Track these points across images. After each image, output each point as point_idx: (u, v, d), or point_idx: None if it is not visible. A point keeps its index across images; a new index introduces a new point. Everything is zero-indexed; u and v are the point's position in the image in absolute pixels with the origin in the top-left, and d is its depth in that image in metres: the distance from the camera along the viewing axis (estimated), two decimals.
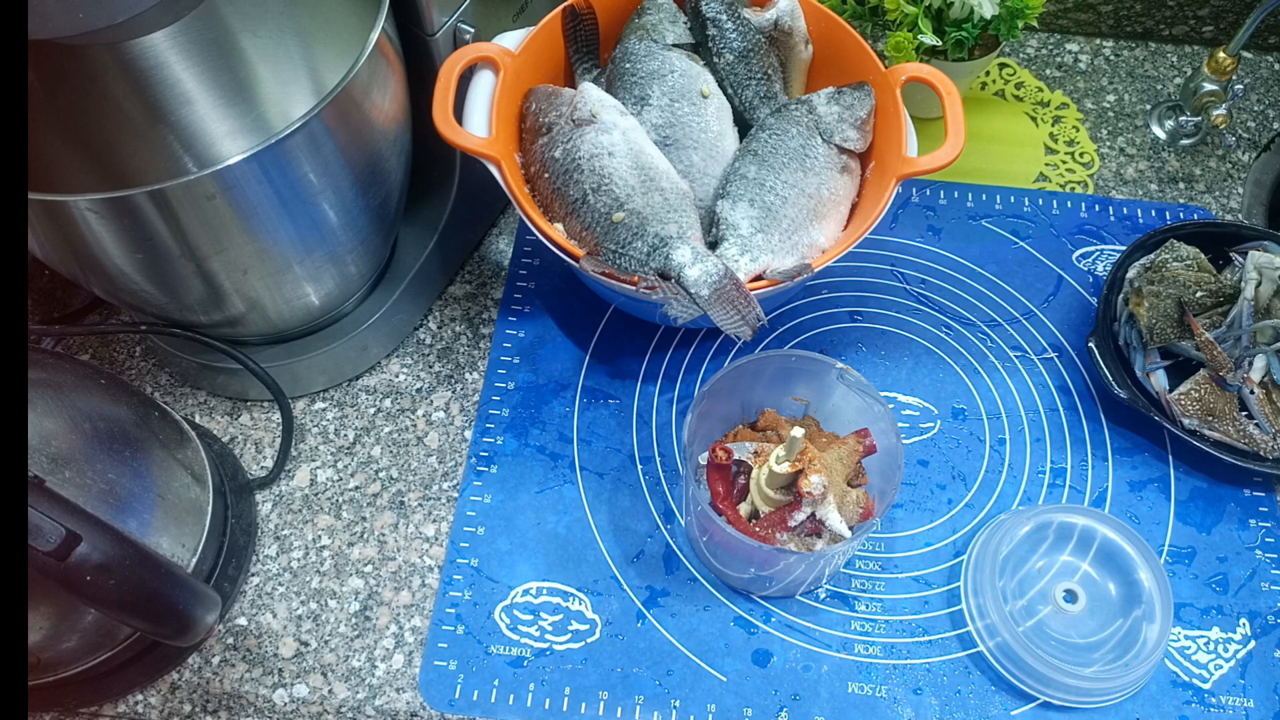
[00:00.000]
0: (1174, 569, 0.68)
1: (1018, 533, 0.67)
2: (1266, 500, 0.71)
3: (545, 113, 0.67)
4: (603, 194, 0.64)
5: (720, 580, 0.67)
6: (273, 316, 0.68)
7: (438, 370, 0.76)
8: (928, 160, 0.64)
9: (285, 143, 0.54)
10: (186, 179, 0.52)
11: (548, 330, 0.78)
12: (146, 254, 0.57)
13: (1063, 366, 0.77)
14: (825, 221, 0.67)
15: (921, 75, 0.67)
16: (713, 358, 0.77)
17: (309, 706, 0.64)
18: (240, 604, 0.67)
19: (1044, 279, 0.81)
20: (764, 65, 0.71)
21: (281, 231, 0.60)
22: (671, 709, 0.63)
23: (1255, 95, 0.92)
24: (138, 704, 0.63)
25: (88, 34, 0.49)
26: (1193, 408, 0.70)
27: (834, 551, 0.60)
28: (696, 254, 0.62)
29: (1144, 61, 0.94)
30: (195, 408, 0.75)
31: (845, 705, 0.63)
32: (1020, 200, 0.85)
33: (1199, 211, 0.85)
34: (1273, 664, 0.65)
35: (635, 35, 0.71)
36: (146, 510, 0.59)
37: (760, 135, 0.68)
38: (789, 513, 0.60)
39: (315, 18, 0.70)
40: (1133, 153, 0.88)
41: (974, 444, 0.73)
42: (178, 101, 0.71)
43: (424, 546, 0.69)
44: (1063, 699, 0.63)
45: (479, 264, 0.82)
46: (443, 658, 0.65)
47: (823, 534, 0.61)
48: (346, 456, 0.72)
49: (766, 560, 0.62)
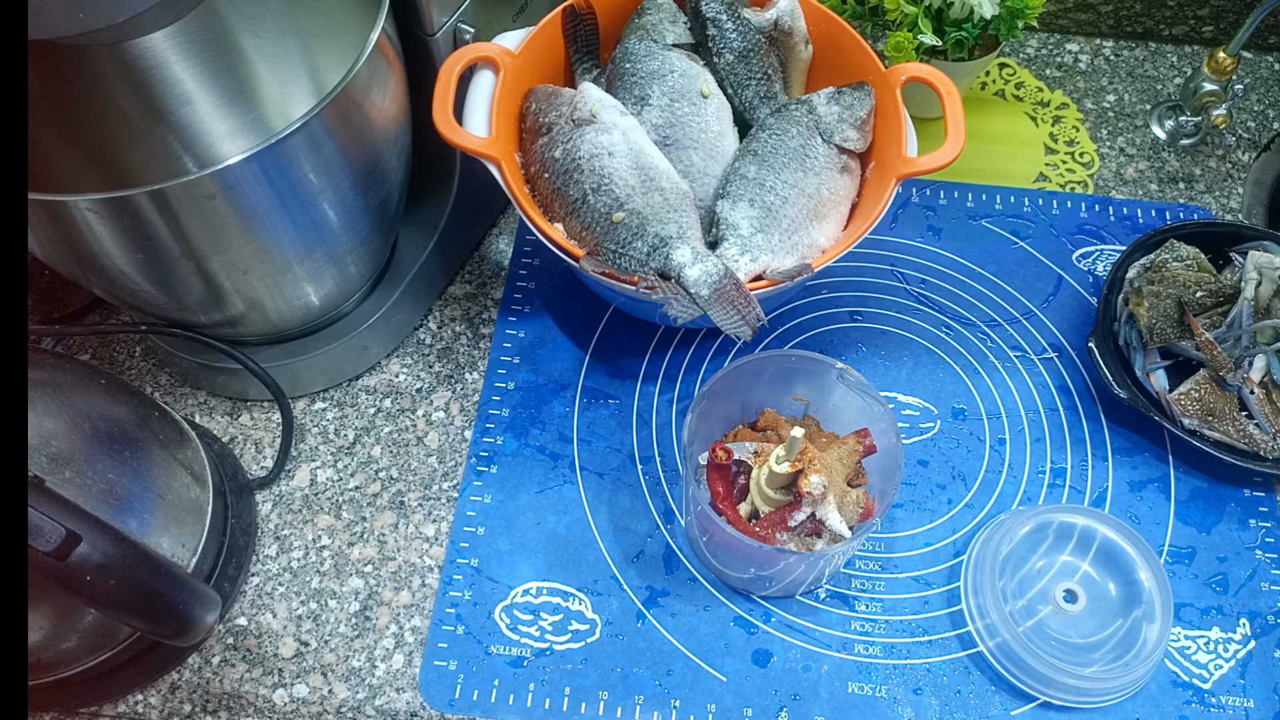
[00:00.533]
0: (1174, 569, 0.68)
1: (1018, 533, 0.67)
2: (1266, 500, 0.71)
3: (545, 113, 0.67)
4: (603, 194, 0.64)
5: (720, 580, 0.67)
6: (273, 316, 0.68)
7: (438, 370, 0.76)
8: (928, 160, 0.64)
9: (285, 143, 0.54)
10: (186, 179, 0.52)
11: (548, 330, 0.78)
12: (146, 254, 0.57)
13: (1063, 366, 0.77)
14: (825, 221, 0.67)
15: (921, 75, 0.68)
16: (713, 358, 0.77)
17: (309, 706, 0.64)
18: (240, 604, 0.67)
19: (1044, 279, 0.81)
20: (764, 65, 0.71)
21: (281, 231, 0.60)
22: (671, 709, 0.63)
23: (1255, 95, 0.92)
24: (138, 704, 0.63)
25: (88, 34, 0.49)
26: (1193, 408, 0.70)
27: (834, 551, 0.60)
28: (696, 254, 0.62)
29: (1144, 61, 0.94)
30: (195, 408, 0.75)
31: (845, 705, 0.63)
32: (1020, 200, 0.85)
33: (1199, 211, 0.85)
34: (1273, 664, 0.65)
35: (635, 35, 0.71)
36: (146, 510, 0.59)
37: (760, 135, 0.68)
38: (789, 513, 0.60)
39: (315, 18, 0.70)
40: (1133, 153, 0.88)
41: (974, 444, 0.73)
42: (178, 101, 0.71)
43: (424, 546, 0.69)
44: (1063, 699, 0.63)
45: (479, 264, 0.82)
46: (443, 658, 0.65)
47: (823, 534, 0.61)
48: (346, 456, 0.72)
49: (766, 560, 0.62)
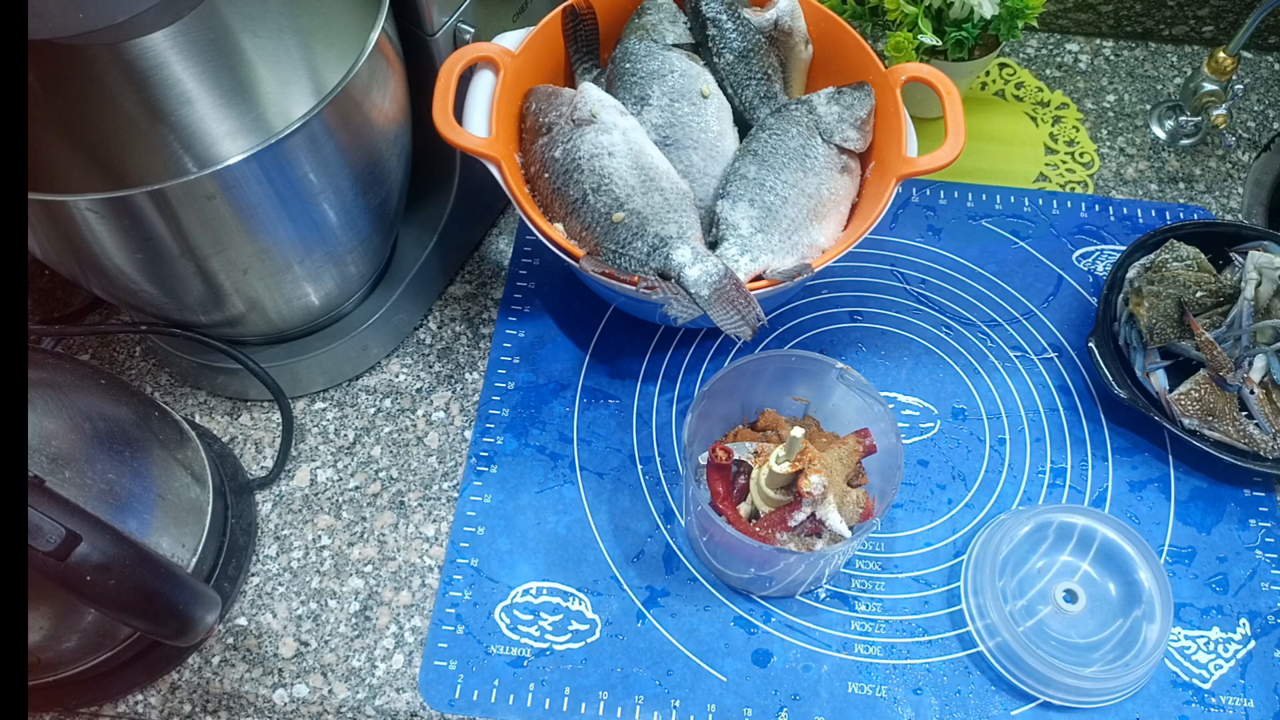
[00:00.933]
0: (1174, 569, 0.68)
1: (1017, 533, 0.67)
2: (1266, 500, 0.71)
3: (545, 113, 0.67)
4: (603, 194, 0.64)
5: (720, 580, 0.67)
6: (273, 316, 0.68)
7: (438, 370, 0.76)
8: (928, 160, 0.64)
9: (285, 143, 0.54)
10: (186, 179, 0.52)
11: (548, 330, 0.78)
12: (146, 254, 0.57)
13: (1063, 366, 0.77)
14: (825, 221, 0.67)
15: (921, 75, 0.68)
16: (713, 358, 0.77)
17: (309, 706, 0.64)
18: (240, 604, 0.67)
19: (1044, 279, 0.81)
20: (764, 65, 0.71)
21: (281, 231, 0.60)
22: (671, 709, 0.63)
23: (1255, 95, 0.92)
24: (138, 704, 0.63)
25: (88, 34, 0.49)
26: (1193, 408, 0.70)
27: (834, 552, 0.60)
28: (696, 254, 0.62)
29: (1144, 61, 0.94)
30: (195, 408, 0.75)
31: (845, 705, 0.63)
32: (1020, 200, 0.85)
33: (1199, 211, 0.85)
34: (1273, 664, 0.65)
35: (635, 35, 0.71)
36: (146, 510, 0.59)
37: (760, 135, 0.68)
38: (789, 513, 0.60)
39: (315, 17, 0.70)
40: (1133, 153, 0.88)
41: (974, 444, 0.73)
42: (178, 101, 0.71)
43: (424, 546, 0.69)
44: (1062, 699, 0.63)
45: (479, 264, 0.82)
46: (443, 658, 0.65)
47: (822, 534, 0.61)
48: (346, 456, 0.72)
49: (766, 560, 0.62)
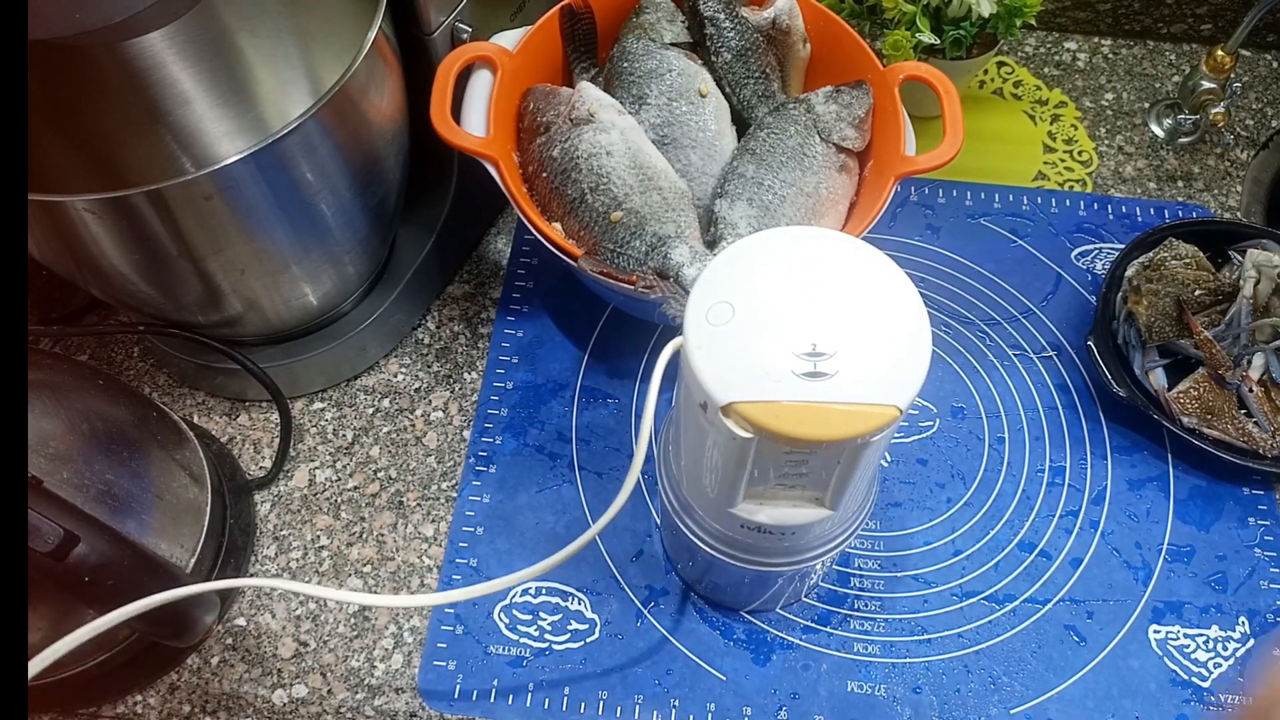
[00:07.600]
0: (1173, 567, 0.68)
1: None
2: (1266, 499, 0.71)
3: (543, 112, 0.67)
4: (601, 193, 0.64)
5: (710, 601, 0.66)
6: (271, 317, 0.68)
7: (436, 370, 0.76)
8: (926, 159, 0.64)
9: (283, 143, 0.54)
10: (184, 179, 0.52)
11: (546, 330, 0.78)
12: (144, 254, 0.57)
13: (1062, 365, 0.77)
14: (823, 220, 0.67)
15: (920, 74, 0.67)
16: None
17: (308, 707, 0.64)
18: (239, 604, 0.67)
19: (1043, 277, 0.81)
20: (762, 64, 0.71)
21: (279, 232, 0.60)
22: (671, 708, 0.63)
23: (1253, 93, 0.92)
24: (137, 704, 0.63)
25: (85, 34, 0.49)
26: (1192, 406, 0.70)
27: (819, 558, 0.57)
28: (695, 253, 0.62)
29: (1142, 60, 0.94)
30: (193, 408, 0.75)
31: (844, 704, 0.63)
32: (1019, 199, 0.85)
33: (1197, 210, 0.85)
34: (1272, 662, 0.65)
35: (633, 34, 0.70)
36: (145, 511, 0.59)
37: (758, 134, 0.68)
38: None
39: (313, 17, 0.70)
40: (1131, 151, 0.88)
41: (973, 443, 0.73)
42: (175, 101, 0.71)
43: (423, 546, 0.69)
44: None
45: (477, 264, 0.82)
46: (442, 658, 0.65)
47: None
48: (345, 456, 0.72)
49: (757, 580, 0.60)
